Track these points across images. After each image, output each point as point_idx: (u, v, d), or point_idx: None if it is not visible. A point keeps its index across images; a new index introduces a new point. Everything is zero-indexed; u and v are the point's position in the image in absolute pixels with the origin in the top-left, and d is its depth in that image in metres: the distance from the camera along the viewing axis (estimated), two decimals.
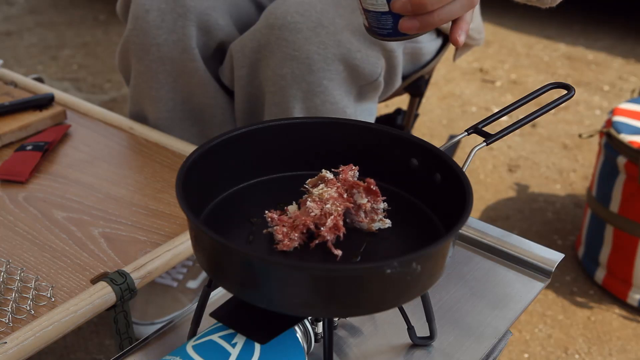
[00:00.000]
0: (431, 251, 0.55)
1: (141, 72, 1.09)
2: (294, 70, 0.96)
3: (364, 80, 1.01)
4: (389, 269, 0.52)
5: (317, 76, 0.96)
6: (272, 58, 0.97)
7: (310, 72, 0.96)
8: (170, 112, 1.11)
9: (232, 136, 0.68)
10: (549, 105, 0.73)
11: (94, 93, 2.30)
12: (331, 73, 0.97)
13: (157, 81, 1.08)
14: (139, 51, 1.07)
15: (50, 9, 3.03)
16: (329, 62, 0.96)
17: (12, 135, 1.08)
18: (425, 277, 0.57)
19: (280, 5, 0.97)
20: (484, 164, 1.96)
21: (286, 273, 0.54)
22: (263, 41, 0.97)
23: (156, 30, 1.04)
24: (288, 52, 0.95)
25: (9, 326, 0.71)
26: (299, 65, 0.96)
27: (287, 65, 0.96)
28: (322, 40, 0.95)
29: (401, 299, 0.57)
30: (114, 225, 0.89)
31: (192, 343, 0.58)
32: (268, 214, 0.63)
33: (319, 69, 0.96)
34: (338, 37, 0.96)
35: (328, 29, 0.95)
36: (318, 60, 0.95)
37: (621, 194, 1.38)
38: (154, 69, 1.07)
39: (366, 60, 0.99)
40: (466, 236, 0.85)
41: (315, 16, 0.95)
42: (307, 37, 0.95)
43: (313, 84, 0.97)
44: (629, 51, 2.76)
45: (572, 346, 1.32)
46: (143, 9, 1.04)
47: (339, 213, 0.62)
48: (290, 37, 0.95)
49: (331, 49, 0.95)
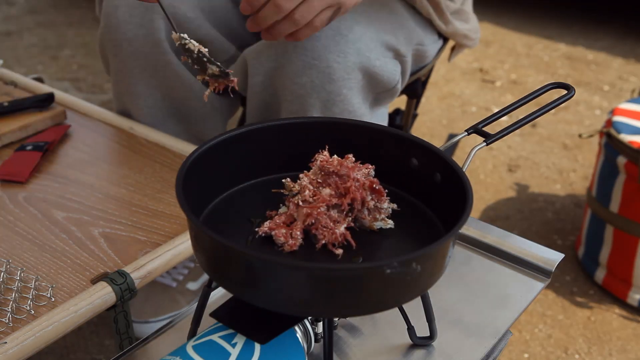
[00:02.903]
0: (431, 251, 0.55)
1: (118, 69, 1.10)
2: (313, 79, 0.95)
3: (382, 88, 1.01)
4: (389, 269, 0.52)
5: (337, 85, 0.95)
6: (290, 66, 0.96)
7: (330, 81, 0.95)
8: (152, 109, 1.11)
9: (232, 136, 0.69)
10: (549, 105, 0.73)
11: (94, 93, 2.30)
12: (351, 82, 0.96)
13: (133, 76, 1.08)
14: (112, 47, 1.08)
15: (50, 9, 3.02)
16: (348, 71, 0.95)
17: (12, 135, 1.08)
18: (425, 277, 0.57)
19: None
20: (484, 164, 1.96)
21: (286, 273, 0.54)
22: (280, 50, 0.96)
23: (126, 25, 1.04)
24: (307, 60, 0.94)
25: (9, 326, 0.71)
26: (319, 74, 0.95)
27: (307, 74, 0.95)
28: (342, 48, 0.94)
29: (401, 299, 0.57)
30: (114, 225, 0.89)
31: (192, 343, 0.58)
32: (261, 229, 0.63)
33: (339, 78, 0.95)
34: (357, 45, 0.95)
35: (347, 37, 0.94)
36: (338, 69, 0.94)
37: (621, 194, 1.38)
38: (129, 65, 1.08)
39: (385, 68, 0.98)
40: (466, 236, 0.85)
41: (334, 24, 0.94)
42: (326, 45, 0.94)
43: (333, 93, 0.96)
44: (629, 51, 2.76)
45: (572, 346, 1.32)
46: (112, 5, 1.05)
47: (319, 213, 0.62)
48: (309, 45, 0.94)
49: (351, 57, 0.95)
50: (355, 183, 0.63)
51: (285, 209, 0.65)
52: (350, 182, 0.63)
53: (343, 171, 0.64)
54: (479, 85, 2.44)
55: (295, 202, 0.63)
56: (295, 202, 0.63)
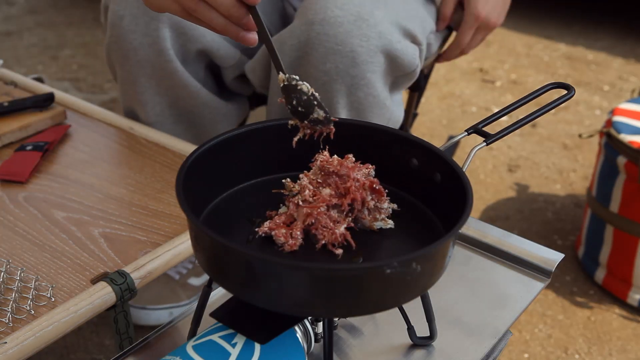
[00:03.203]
0: (431, 251, 0.55)
1: (125, 78, 1.10)
2: (337, 64, 0.95)
3: (401, 71, 1.01)
4: (389, 269, 0.52)
5: (361, 69, 0.96)
6: (314, 54, 0.96)
7: (354, 65, 0.95)
8: (159, 116, 1.12)
9: (232, 136, 0.69)
10: (549, 105, 0.73)
11: (94, 93, 2.30)
12: (374, 65, 0.97)
13: (140, 85, 1.09)
14: (119, 57, 1.08)
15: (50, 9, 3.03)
16: (372, 55, 0.96)
17: (12, 135, 1.08)
18: (425, 277, 0.57)
19: (318, 1, 0.96)
20: (484, 164, 1.96)
21: (286, 273, 0.54)
22: (303, 38, 0.96)
23: (131, 34, 1.04)
24: (330, 46, 0.95)
25: (9, 326, 0.71)
26: (343, 59, 0.95)
27: (330, 60, 0.95)
28: (364, 32, 0.95)
29: (401, 299, 0.57)
30: (114, 225, 0.89)
31: (192, 343, 0.58)
32: (261, 229, 0.63)
33: (363, 62, 0.95)
34: (379, 28, 0.95)
35: (368, 22, 0.95)
36: (362, 53, 0.95)
37: (621, 194, 1.38)
38: (135, 74, 1.08)
39: (406, 51, 0.99)
40: (466, 236, 0.85)
41: (354, 9, 0.95)
42: (348, 30, 0.94)
43: (357, 77, 0.96)
44: (629, 51, 2.76)
45: (572, 346, 1.32)
46: (117, 15, 1.05)
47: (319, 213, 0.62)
48: (332, 32, 0.94)
49: (373, 41, 0.95)
50: (355, 183, 0.63)
51: (285, 209, 0.65)
52: (350, 182, 0.63)
53: (343, 171, 0.64)
54: (479, 85, 2.44)
55: (295, 202, 0.63)
56: (295, 202, 0.63)
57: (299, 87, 0.65)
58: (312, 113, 0.65)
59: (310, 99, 0.65)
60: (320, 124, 0.66)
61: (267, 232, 0.62)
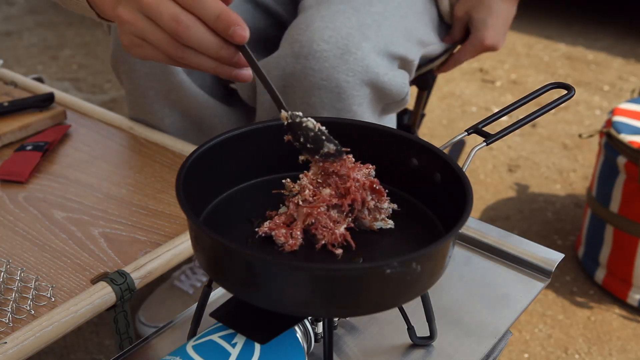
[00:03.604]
0: (431, 251, 0.55)
1: (133, 90, 1.09)
2: (322, 99, 0.95)
3: (390, 100, 1.01)
4: (389, 269, 0.52)
5: (346, 103, 0.95)
6: (299, 87, 0.95)
7: (339, 100, 0.95)
8: (171, 127, 1.11)
9: (232, 136, 0.68)
10: (549, 105, 0.73)
11: (94, 93, 2.30)
12: (360, 98, 0.96)
13: (149, 97, 1.08)
14: (126, 70, 1.07)
15: (50, 9, 3.03)
16: (358, 88, 0.95)
17: (12, 135, 1.08)
18: (425, 277, 0.57)
19: (304, 32, 0.94)
20: (484, 164, 1.96)
21: (286, 273, 0.54)
22: (288, 70, 0.95)
23: None
24: (315, 81, 0.94)
25: (9, 326, 0.71)
26: (328, 94, 0.94)
27: (315, 95, 0.94)
28: (350, 67, 0.93)
29: (401, 299, 0.57)
30: (114, 225, 0.89)
31: (192, 343, 0.58)
32: (261, 229, 0.63)
33: (349, 96, 0.95)
34: (366, 62, 0.94)
35: (355, 55, 0.94)
36: (347, 88, 0.94)
37: (621, 194, 1.38)
38: (143, 86, 1.07)
39: (394, 81, 0.98)
40: (466, 236, 0.85)
41: (341, 42, 0.93)
42: (334, 65, 0.93)
43: (342, 111, 0.96)
44: (629, 51, 2.76)
45: (572, 346, 1.32)
46: None
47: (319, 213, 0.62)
48: (317, 66, 0.93)
49: (359, 75, 0.94)
50: (356, 183, 0.63)
51: (285, 209, 0.65)
52: (350, 182, 0.63)
53: (343, 171, 0.64)
54: (479, 85, 2.44)
55: (295, 202, 0.63)
56: (295, 202, 0.63)
57: (304, 125, 0.63)
58: (322, 148, 0.63)
59: (318, 135, 0.63)
60: (332, 157, 0.64)
61: (267, 232, 0.62)
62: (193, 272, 1.28)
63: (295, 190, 0.65)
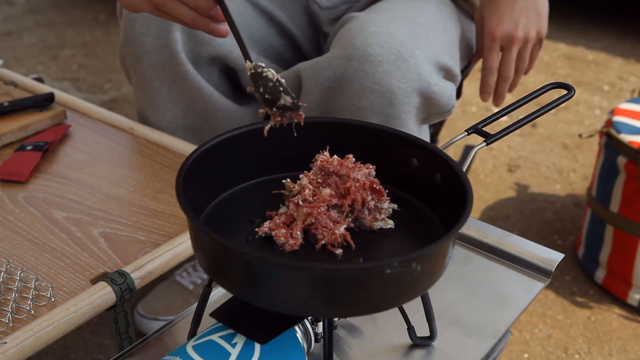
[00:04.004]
0: (431, 251, 0.55)
1: (138, 81, 1.09)
2: (373, 102, 0.94)
3: (436, 110, 1.01)
4: (389, 269, 0.52)
5: (396, 109, 0.95)
6: (350, 89, 0.95)
7: (390, 105, 0.94)
8: (171, 123, 1.11)
9: (232, 136, 0.69)
10: (549, 105, 0.73)
11: (94, 93, 2.30)
12: (410, 106, 0.96)
13: (153, 89, 1.07)
14: (132, 60, 1.07)
15: (50, 9, 3.03)
16: (409, 96, 0.95)
17: (12, 135, 1.08)
18: (425, 277, 0.57)
19: (358, 35, 0.94)
20: (484, 164, 1.96)
21: (286, 273, 0.54)
22: (339, 71, 0.95)
23: (144, 37, 1.04)
24: (367, 84, 0.93)
25: (9, 326, 0.71)
26: (380, 99, 0.94)
27: (366, 97, 0.94)
28: (404, 74, 0.93)
29: (401, 299, 0.57)
30: (114, 225, 0.89)
31: (192, 343, 0.58)
32: (261, 229, 0.63)
33: (399, 102, 0.94)
34: (418, 70, 0.94)
35: (409, 63, 0.94)
36: (399, 94, 0.94)
37: (621, 194, 1.38)
38: (148, 77, 1.07)
39: (443, 92, 0.98)
40: (466, 236, 0.85)
41: (395, 48, 0.93)
42: (387, 70, 0.93)
43: (391, 117, 0.95)
44: (629, 51, 2.76)
45: (572, 346, 1.32)
46: (130, 18, 1.04)
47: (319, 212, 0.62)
48: (371, 70, 0.93)
49: (412, 82, 0.94)
50: (356, 184, 0.63)
51: (285, 209, 0.65)
52: (350, 182, 0.63)
53: (343, 171, 0.64)
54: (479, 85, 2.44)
55: (295, 202, 0.63)
56: (295, 202, 0.63)
57: (264, 74, 0.64)
58: (279, 99, 0.64)
59: (276, 85, 0.64)
60: (289, 110, 0.65)
61: (267, 232, 0.62)
62: (194, 270, 1.28)
63: (295, 190, 0.65)
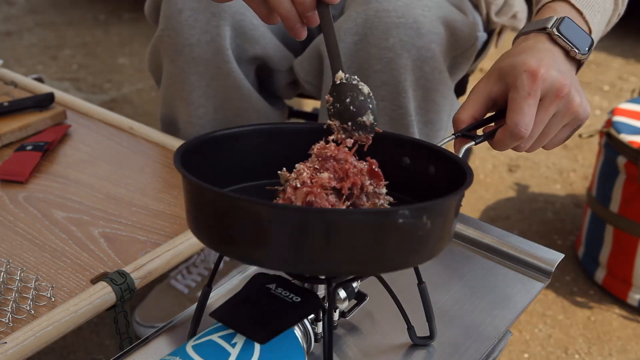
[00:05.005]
0: (441, 205, 0.54)
1: (173, 74, 1.05)
2: (401, 37, 0.91)
3: (461, 47, 0.99)
4: (401, 218, 0.52)
5: (426, 40, 0.92)
6: (374, 32, 0.92)
7: (419, 36, 0.92)
8: (202, 119, 1.08)
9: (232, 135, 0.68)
10: None
11: (94, 93, 2.30)
12: (438, 37, 0.93)
13: (190, 83, 1.04)
14: (171, 52, 1.03)
15: (50, 9, 3.03)
16: (434, 25, 0.93)
17: (12, 135, 1.08)
18: (435, 238, 0.55)
19: None
20: (484, 164, 1.96)
21: (297, 220, 0.52)
22: (360, 19, 0.93)
23: (189, 30, 1.00)
24: (392, 20, 0.91)
25: (9, 326, 0.71)
26: (407, 31, 0.91)
27: (394, 35, 0.91)
28: (425, 3, 0.92)
29: (411, 258, 0.56)
30: (114, 225, 0.89)
31: (192, 343, 0.58)
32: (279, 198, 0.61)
33: (427, 32, 0.92)
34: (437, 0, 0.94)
35: None
36: (425, 23, 0.92)
37: (621, 194, 1.38)
38: (186, 71, 1.03)
39: (465, 23, 0.97)
40: (466, 236, 0.85)
41: None
42: (408, 2, 0.92)
43: (423, 49, 0.93)
44: (629, 51, 2.76)
45: (572, 346, 1.32)
46: (175, 8, 1.01)
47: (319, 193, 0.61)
48: (391, 6, 0.91)
49: (434, 10, 0.93)
50: (353, 168, 0.63)
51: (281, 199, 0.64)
52: (348, 165, 0.62)
53: (340, 155, 0.63)
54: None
55: (294, 185, 0.62)
56: (294, 185, 0.62)
57: (360, 87, 0.63)
58: (362, 116, 0.63)
59: (367, 102, 0.63)
60: (363, 130, 0.63)
61: None
62: (189, 272, 1.27)
63: (292, 178, 0.63)
